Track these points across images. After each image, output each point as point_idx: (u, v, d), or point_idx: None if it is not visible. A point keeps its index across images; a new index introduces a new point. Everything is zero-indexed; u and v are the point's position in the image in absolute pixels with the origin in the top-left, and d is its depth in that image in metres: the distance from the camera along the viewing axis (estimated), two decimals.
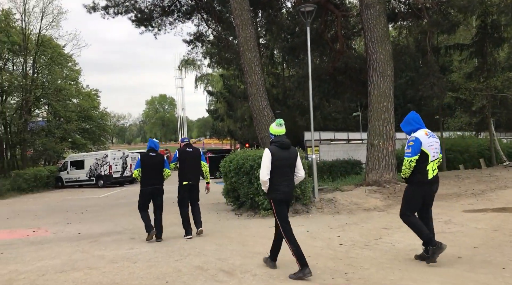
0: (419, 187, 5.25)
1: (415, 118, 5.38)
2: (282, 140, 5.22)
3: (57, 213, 13.91)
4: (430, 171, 5.18)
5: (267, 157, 5.10)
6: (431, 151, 5.15)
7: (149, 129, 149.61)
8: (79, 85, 39.44)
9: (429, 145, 5.15)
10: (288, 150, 5.21)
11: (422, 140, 5.13)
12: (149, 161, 7.66)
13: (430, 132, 5.28)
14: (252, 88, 12.76)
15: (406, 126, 5.40)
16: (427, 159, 5.14)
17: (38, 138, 31.38)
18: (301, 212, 9.60)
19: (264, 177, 5.11)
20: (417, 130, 5.25)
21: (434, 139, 5.26)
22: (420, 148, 5.11)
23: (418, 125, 5.30)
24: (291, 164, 5.22)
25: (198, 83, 55.80)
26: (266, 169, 5.09)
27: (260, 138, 12.80)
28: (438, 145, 5.32)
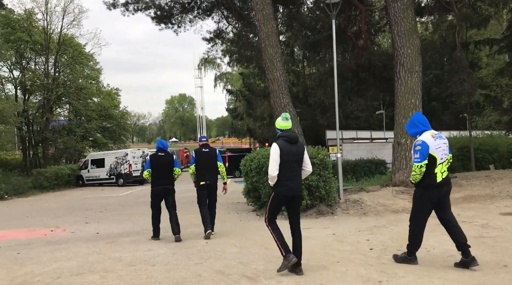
0: (426, 191, 5.05)
1: (420, 119, 5.15)
2: (290, 134, 5.14)
3: (76, 212, 13.80)
4: (438, 174, 4.97)
5: (276, 152, 5.03)
6: (438, 153, 4.94)
7: (168, 129, 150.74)
8: (99, 84, 39.69)
9: (436, 147, 4.93)
10: (296, 144, 5.12)
11: (429, 143, 4.91)
12: (158, 161, 7.66)
13: (437, 134, 5.05)
14: (274, 85, 12.37)
15: (411, 128, 5.21)
16: (435, 162, 4.93)
17: (59, 137, 31.64)
18: (325, 213, 9.18)
19: (273, 172, 5.02)
20: (422, 133, 5.03)
21: (441, 140, 5.03)
22: (427, 151, 4.89)
23: (424, 127, 5.07)
24: (299, 158, 5.14)
25: (217, 82, 55.77)
26: (274, 163, 5.02)
27: None
28: (446, 146, 5.09)
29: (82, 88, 33.24)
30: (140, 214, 12.42)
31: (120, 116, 39.69)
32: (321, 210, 9.19)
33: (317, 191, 9.13)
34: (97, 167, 28.15)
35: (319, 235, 7.21)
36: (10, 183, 23.12)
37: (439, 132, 5.14)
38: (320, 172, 9.19)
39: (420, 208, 5.14)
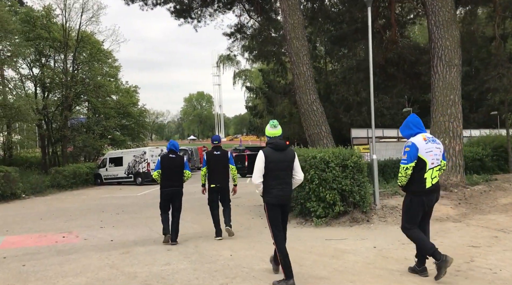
0: (416, 197, 4.86)
1: (414, 121, 4.99)
2: (277, 142, 5.05)
3: (92, 214, 13.22)
4: (428, 179, 4.78)
5: (260, 160, 4.94)
6: (429, 157, 4.76)
7: (187, 126, 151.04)
8: (118, 81, 39.38)
9: (426, 151, 4.76)
10: (283, 151, 5.01)
11: (419, 146, 4.76)
12: (169, 162, 7.63)
13: (430, 137, 4.90)
14: (300, 80, 11.53)
15: (405, 130, 5.07)
16: (425, 166, 4.75)
17: (78, 135, 31.38)
18: (360, 221, 8.32)
19: (256, 180, 4.96)
20: (416, 135, 4.89)
21: (434, 144, 4.85)
22: (416, 154, 4.74)
23: (418, 130, 4.93)
24: (287, 166, 5.02)
25: (236, 79, 55.16)
26: (258, 171, 4.95)
27: (308, 136, 11.58)
28: (439, 151, 4.89)
29: (100, 86, 32.89)
30: (157, 217, 11.58)
31: (139, 114, 39.30)
32: (355, 217, 8.33)
33: (351, 196, 8.29)
34: (115, 165, 27.72)
35: (358, 249, 6.37)
36: (28, 181, 22.86)
37: (433, 136, 4.97)
38: (354, 175, 8.35)
39: (410, 213, 4.95)
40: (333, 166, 8.16)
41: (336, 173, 8.18)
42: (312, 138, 11.42)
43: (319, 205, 8.34)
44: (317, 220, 8.36)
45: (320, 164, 8.25)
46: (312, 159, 8.42)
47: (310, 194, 8.45)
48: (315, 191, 8.26)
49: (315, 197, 8.35)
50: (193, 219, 10.91)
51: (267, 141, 5.19)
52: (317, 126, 11.31)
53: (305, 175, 8.47)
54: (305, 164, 8.52)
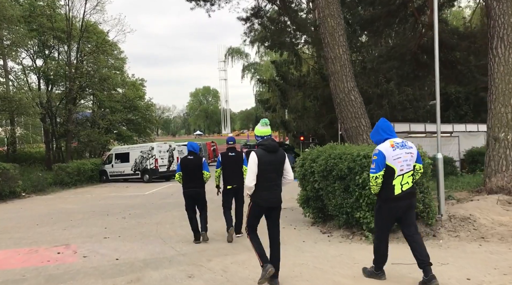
0: (384, 204, 4.76)
1: (383, 126, 4.85)
2: (269, 143, 4.97)
3: (95, 218, 11.71)
4: (397, 186, 4.66)
5: (254, 162, 4.86)
6: (397, 164, 4.62)
7: (193, 121, 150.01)
8: (124, 74, 37.94)
9: (394, 158, 4.61)
10: (275, 153, 4.97)
11: (386, 153, 4.62)
12: (188, 164, 7.77)
13: (400, 143, 4.72)
14: (335, 65, 9.89)
15: (374, 135, 4.93)
16: (393, 173, 4.63)
17: (82, 129, 29.96)
18: (425, 235, 6.69)
19: (250, 183, 4.90)
20: (384, 141, 4.73)
21: (403, 150, 4.68)
22: (384, 162, 4.61)
23: (386, 135, 4.79)
24: (278, 168, 4.99)
25: (245, 73, 53.53)
26: (252, 174, 4.87)
27: (345, 130, 9.96)
28: (410, 156, 4.72)
29: (106, 79, 31.46)
30: (170, 223, 10.23)
31: (146, 108, 37.88)
32: None
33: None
34: (121, 161, 26.26)
35: (449, 283, 4.74)
36: (29, 179, 21.47)
37: (405, 141, 4.80)
38: None
39: (380, 220, 4.88)
40: None
41: None
42: (349, 133, 9.81)
43: (373, 216, 6.71)
44: (370, 234, 6.75)
45: None
46: (363, 158, 6.80)
47: (360, 202, 6.84)
48: (369, 198, 6.65)
49: (368, 206, 6.74)
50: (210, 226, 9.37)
51: (258, 142, 5.06)
52: (356, 119, 9.70)
53: (354, 178, 6.89)
54: (354, 164, 6.90)
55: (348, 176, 7.03)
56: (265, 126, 5.06)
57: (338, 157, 7.37)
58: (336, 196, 7.39)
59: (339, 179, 7.31)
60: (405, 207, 4.73)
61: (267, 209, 4.97)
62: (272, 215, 5.06)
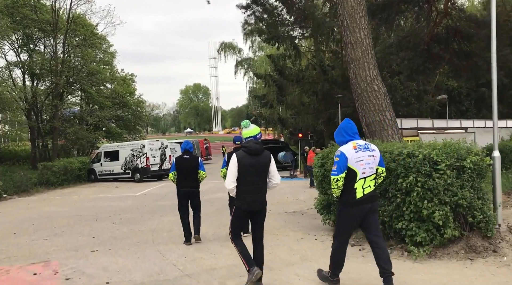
0: (345, 208, 4.58)
1: (347, 128, 4.67)
2: (250, 145, 4.82)
3: (82, 224, 10.43)
4: (359, 190, 4.47)
5: (233, 164, 4.79)
6: (359, 167, 4.44)
7: (183, 119, 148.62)
8: (113, 69, 36.44)
9: (356, 160, 4.43)
10: (257, 156, 4.80)
11: (348, 155, 4.43)
12: (183, 163, 7.62)
13: (362, 145, 4.54)
14: (356, 51, 8.71)
15: (337, 136, 4.76)
16: (355, 176, 4.45)
17: (69, 126, 28.47)
18: (481, 251, 5.52)
19: (229, 185, 4.84)
20: (347, 143, 4.55)
21: (365, 152, 4.50)
22: (346, 164, 4.43)
23: (349, 137, 4.60)
24: (260, 171, 4.83)
25: (238, 68, 52.19)
26: (231, 176, 4.81)
27: (366, 125, 8.80)
28: (373, 159, 4.53)
29: (94, 73, 30.02)
30: (167, 230, 9.01)
31: (136, 104, 36.44)
32: (474, 246, 5.54)
33: (469, 214, 5.52)
34: (110, 160, 24.91)
35: None
36: (11, 179, 20.04)
37: (368, 143, 4.64)
38: (473, 183, 5.56)
39: (340, 225, 4.72)
40: (444, 169, 5.37)
41: (449, 180, 5.39)
42: (372, 128, 8.65)
43: (419, 227, 5.56)
44: (417, 250, 5.57)
45: (424, 166, 5.45)
46: (407, 157, 5.62)
47: (403, 210, 5.67)
48: (415, 206, 5.48)
49: (413, 215, 5.57)
50: (215, 234, 8.15)
51: (242, 143, 5.01)
52: (380, 112, 8.55)
53: (395, 181, 5.70)
54: (394, 164, 5.72)
55: (387, 179, 5.85)
56: (248, 128, 4.96)
57: None
58: None
59: None
60: (366, 211, 4.57)
61: (250, 212, 4.87)
62: (256, 219, 4.96)
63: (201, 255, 6.69)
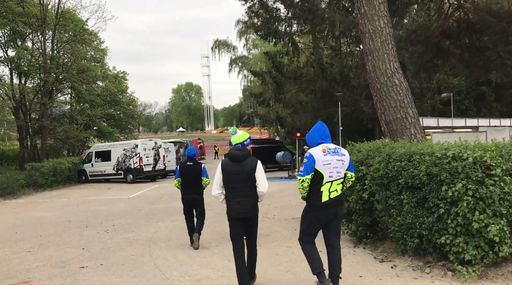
0: (311, 210, 4.60)
1: (319, 131, 4.69)
2: (233, 152, 4.83)
3: (71, 232, 9.51)
4: (325, 193, 4.49)
5: (218, 171, 4.86)
6: (326, 170, 4.47)
7: (175, 118, 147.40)
8: (105, 67, 35.36)
9: (324, 163, 4.47)
10: (240, 162, 4.75)
11: (316, 158, 4.47)
12: (187, 170, 7.59)
13: (332, 149, 4.57)
14: (374, 41, 7.87)
15: (309, 139, 4.77)
16: (321, 179, 4.47)
17: (59, 125, 27.36)
18: None
19: (214, 192, 4.92)
20: (318, 146, 4.58)
21: (334, 156, 4.54)
22: (313, 166, 4.46)
23: (320, 140, 4.62)
24: (245, 178, 4.74)
25: (232, 66, 51.29)
26: (216, 183, 4.88)
27: (386, 123, 7.95)
28: (341, 164, 4.58)
29: (85, 70, 28.95)
30: (165, 240, 8.17)
31: (128, 103, 35.40)
32: None
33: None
34: (102, 160, 23.94)
35: None
36: None
37: (339, 148, 4.65)
38: None
39: (305, 226, 4.70)
40: (500, 175, 4.54)
41: (506, 187, 4.57)
42: (392, 127, 7.81)
43: (467, 243, 4.72)
44: (463, 269, 4.74)
45: (475, 171, 4.61)
46: (453, 161, 4.77)
47: (448, 223, 4.82)
48: (464, 218, 4.65)
49: (460, 229, 4.73)
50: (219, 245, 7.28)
51: None
52: (401, 109, 7.71)
53: (438, 188, 4.85)
54: (437, 169, 4.87)
55: (427, 186, 5.00)
56: (236, 134, 4.97)
57: (406, 158, 5.35)
58: (403, 212, 5.37)
59: (409, 189, 5.29)
60: (332, 215, 4.57)
61: (239, 220, 4.80)
62: (246, 226, 4.87)
63: (207, 272, 5.81)
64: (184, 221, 7.80)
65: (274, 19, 26.86)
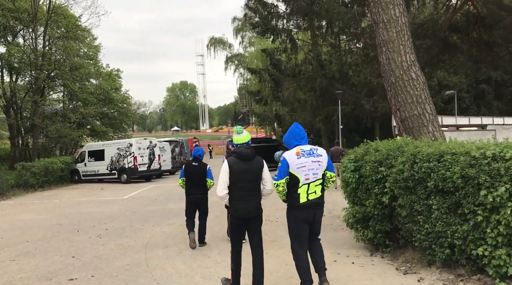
0: (290, 212, 4.56)
1: (294, 132, 4.61)
2: (241, 150, 4.70)
3: (61, 237, 8.87)
4: (302, 195, 4.43)
5: (224, 170, 4.67)
6: (301, 173, 4.40)
7: (170, 117, 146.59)
8: (98, 64, 34.59)
9: (298, 166, 4.39)
10: (249, 161, 4.66)
11: (290, 161, 4.40)
12: (192, 170, 7.52)
13: (307, 150, 4.47)
14: (389, 31, 7.28)
15: (286, 141, 4.72)
16: (297, 182, 4.41)
17: (51, 123, 26.60)
18: None
19: (220, 192, 4.68)
20: (293, 148, 4.52)
21: (309, 158, 4.44)
22: (287, 170, 4.40)
23: (296, 142, 4.56)
24: (253, 177, 4.67)
25: (228, 64, 50.62)
26: (222, 183, 4.66)
27: (401, 120, 7.37)
28: (317, 165, 4.47)
29: (78, 67, 28.20)
30: (163, 247, 7.52)
31: (122, 101, 34.66)
32: None
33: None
34: (95, 159, 23.27)
35: None
36: None
37: (315, 148, 4.56)
38: None
39: (290, 229, 4.62)
40: None
41: None
42: (409, 124, 7.22)
43: (511, 256, 4.14)
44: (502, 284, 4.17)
45: None
46: (494, 162, 4.19)
47: (486, 232, 4.24)
48: (508, 227, 4.07)
49: (502, 239, 4.15)
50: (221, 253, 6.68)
51: (234, 149, 4.85)
52: (418, 104, 7.14)
53: (475, 193, 4.26)
54: (474, 171, 4.28)
55: (462, 190, 4.41)
56: (240, 134, 4.88)
57: (436, 159, 4.76)
58: (432, 219, 4.78)
59: (439, 193, 4.70)
60: (310, 217, 4.49)
61: (243, 220, 4.68)
62: (250, 227, 4.74)
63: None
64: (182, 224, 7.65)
65: (272, 15, 26.37)
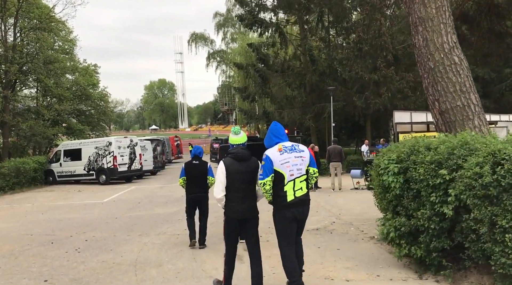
0: (278, 211, 4.48)
1: (274, 130, 4.63)
2: (238, 151, 4.66)
3: (32, 251, 7.47)
4: (289, 192, 4.40)
5: (221, 171, 4.62)
6: (286, 169, 4.38)
7: (148, 116, 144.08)
8: (74, 58, 32.74)
9: (282, 162, 4.38)
10: (245, 162, 4.64)
11: (273, 158, 4.38)
12: (192, 169, 7.55)
13: (288, 146, 4.49)
14: (428, 7, 6.13)
15: (267, 140, 4.65)
16: (283, 179, 4.38)
17: (23, 120, 24.73)
18: None
19: (218, 194, 4.61)
20: (274, 146, 4.50)
21: (292, 154, 4.45)
22: (271, 167, 4.37)
23: (277, 139, 4.55)
24: (249, 178, 4.63)
25: (210, 61, 49.27)
26: (220, 185, 4.61)
27: (440, 113, 6.23)
28: (301, 160, 4.48)
29: (52, 61, 26.40)
30: (156, 264, 6.27)
31: (100, 98, 32.96)
32: None
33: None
34: (72, 159, 21.73)
35: None
36: None
37: (296, 144, 4.60)
38: None
39: (278, 229, 4.55)
40: None
41: None
42: (450, 118, 6.11)
43: None
44: None
45: None
46: None
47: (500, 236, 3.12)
48: None
49: None
50: None
51: (229, 150, 4.77)
52: (462, 94, 6.03)
53: None
54: None
55: None
56: (237, 135, 4.73)
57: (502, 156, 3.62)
58: None
59: None
60: (298, 215, 4.44)
61: (239, 221, 4.57)
62: (246, 228, 4.62)
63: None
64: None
65: (259, 7, 25.19)
